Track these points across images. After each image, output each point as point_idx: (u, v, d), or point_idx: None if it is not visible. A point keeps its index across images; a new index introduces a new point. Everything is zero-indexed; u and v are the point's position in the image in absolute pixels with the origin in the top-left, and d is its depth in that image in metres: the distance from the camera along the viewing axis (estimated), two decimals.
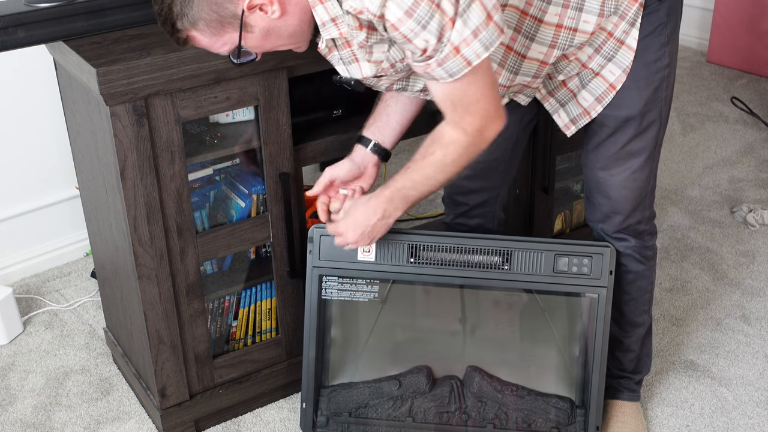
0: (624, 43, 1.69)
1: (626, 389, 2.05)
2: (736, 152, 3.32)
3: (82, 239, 2.73)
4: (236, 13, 1.39)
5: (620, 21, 1.67)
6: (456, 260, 1.86)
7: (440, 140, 1.59)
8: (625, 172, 1.80)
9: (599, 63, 1.71)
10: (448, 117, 1.56)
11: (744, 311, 2.46)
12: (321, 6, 1.43)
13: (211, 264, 2.05)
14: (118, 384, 2.25)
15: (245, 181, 1.99)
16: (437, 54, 1.42)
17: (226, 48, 1.46)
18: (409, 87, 1.68)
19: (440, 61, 1.43)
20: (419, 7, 1.36)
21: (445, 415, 1.92)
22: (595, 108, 1.76)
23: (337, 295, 1.90)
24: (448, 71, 1.45)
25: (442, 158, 1.60)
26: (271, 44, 1.48)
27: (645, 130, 1.77)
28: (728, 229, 2.84)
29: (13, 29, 1.68)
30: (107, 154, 1.79)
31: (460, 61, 1.43)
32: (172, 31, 1.44)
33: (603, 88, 1.74)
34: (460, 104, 1.52)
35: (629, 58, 1.69)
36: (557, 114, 1.83)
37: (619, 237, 1.88)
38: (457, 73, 1.45)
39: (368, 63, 1.54)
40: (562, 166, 2.40)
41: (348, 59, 1.55)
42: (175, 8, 1.40)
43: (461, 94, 1.50)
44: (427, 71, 1.46)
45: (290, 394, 2.18)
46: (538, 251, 1.85)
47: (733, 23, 3.96)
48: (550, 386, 1.92)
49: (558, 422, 1.90)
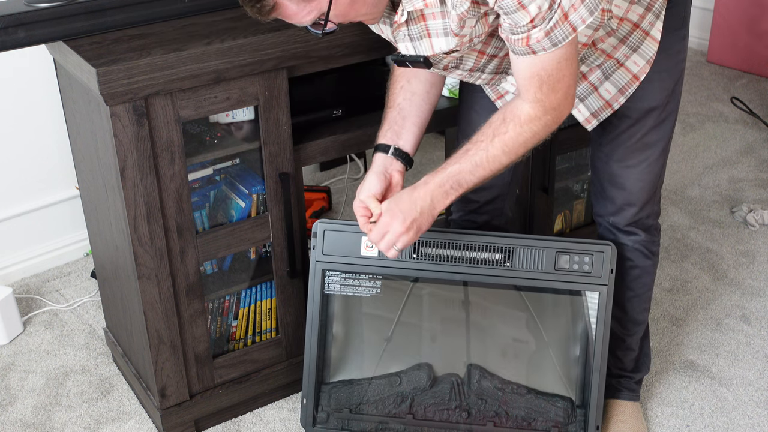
0: (649, 34, 1.69)
1: (626, 389, 2.05)
2: (736, 152, 3.32)
3: (82, 239, 2.73)
4: None
5: (646, 12, 1.67)
6: (458, 257, 1.86)
7: (517, 118, 1.55)
8: (642, 163, 1.81)
9: (624, 53, 1.71)
10: (530, 95, 1.53)
11: (744, 311, 2.46)
12: None
13: (211, 264, 2.05)
14: (118, 384, 2.25)
15: (245, 181, 1.99)
16: (545, 23, 1.40)
17: (312, 16, 1.40)
18: (461, 66, 1.65)
19: (548, 30, 1.41)
20: None
21: (446, 412, 1.92)
22: (617, 99, 1.76)
23: (339, 290, 1.90)
24: (553, 40, 1.43)
25: (515, 137, 1.56)
26: (355, 12, 1.43)
27: (663, 122, 1.79)
28: (728, 229, 2.84)
29: (13, 29, 1.68)
30: (107, 154, 1.79)
31: (567, 27, 1.42)
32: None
33: (627, 79, 1.73)
34: (548, 80, 1.49)
35: (653, 49, 1.70)
36: (576, 109, 1.80)
37: (629, 231, 1.89)
38: (562, 41, 1.43)
39: (444, 38, 1.50)
40: (562, 166, 2.40)
41: (418, 35, 1.52)
42: None
43: (553, 68, 1.48)
44: (528, 43, 1.44)
45: (290, 394, 2.18)
46: (540, 248, 1.85)
47: (733, 23, 3.96)
48: (551, 385, 1.93)
49: (558, 421, 1.90)
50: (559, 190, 2.40)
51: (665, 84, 1.74)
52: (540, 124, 1.56)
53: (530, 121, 1.55)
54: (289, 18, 1.41)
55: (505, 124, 1.57)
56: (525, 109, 1.55)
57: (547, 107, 1.54)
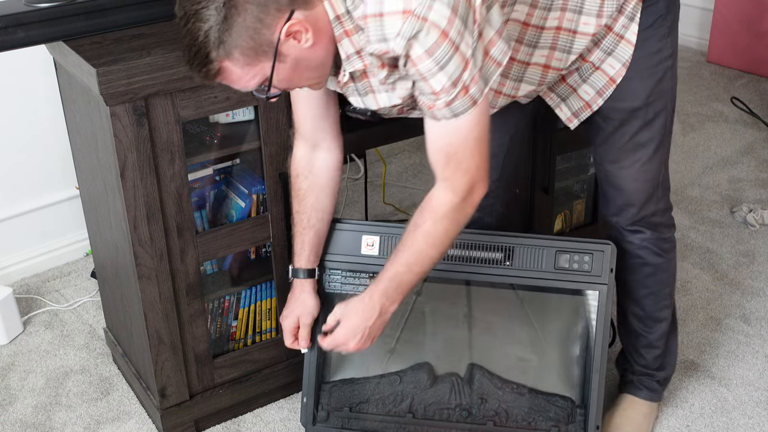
0: (623, 38, 1.70)
1: (646, 387, 2.05)
2: (736, 152, 3.32)
3: (82, 239, 2.73)
4: (272, 40, 1.37)
5: (619, 16, 1.68)
6: (458, 256, 1.86)
7: (431, 208, 1.58)
8: (636, 163, 1.82)
9: (599, 57, 1.73)
10: (439, 172, 1.55)
11: (744, 311, 2.46)
12: (347, 39, 1.44)
13: (211, 264, 2.05)
14: (118, 384, 2.25)
15: (245, 181, 1.99)
16: (447, 95, 1.44)
17: (256, 81, 1.42)
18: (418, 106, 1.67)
19: (449, 101, 1.45)
20: (440, 48, 1.37)
21: (446, 411, 1.92)
22: (596, 101, 1.78)
23: (340, 289, 1.90)
24: (454, 110, 1.47)
25: (432, 227, 1.58)
26: (298, 76, 1.45)
27: (651, 121, 1.78)
28: (728, 229, 2.84)
29: (13, 29, 1.68)
30: (107, 154, 1.79)
31: (468, 100, 1.46)
32: (204, 62, 1.38)
33: (603, 81, 1.75)
34: (454, 157, 1.52)
35: (629, 51, 1.71)
36: (559, 108, 1.85)
37: (634, 229, 1.89)
38: (462, 112, 1.47)
39: (386, 94, 1.54)
40: (562, 166, 2.40)
41: (364, 91, 1.55)
42: (212, 35, 1.34)
43: (460, 144, 1.51)
44: (432, 108, 1.48)
45: (290, 394, 2.18)
46: (540, 248, 1.85)
47: (733, 23, 3.96)
48: (551, 385, 1.93)
49: (558, 421, 1.90)
50: (559, 190, 2.40)
51: (646, 83, 1.74)
52: (452, 207, 1.57)
53: (441, 205, 1.57)
54: (233, 83, 1.43)
55: (423, 215, 1.59)
56: (437, 195, 1.57)
57: (456, 189, 1.55)
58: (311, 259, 1.84)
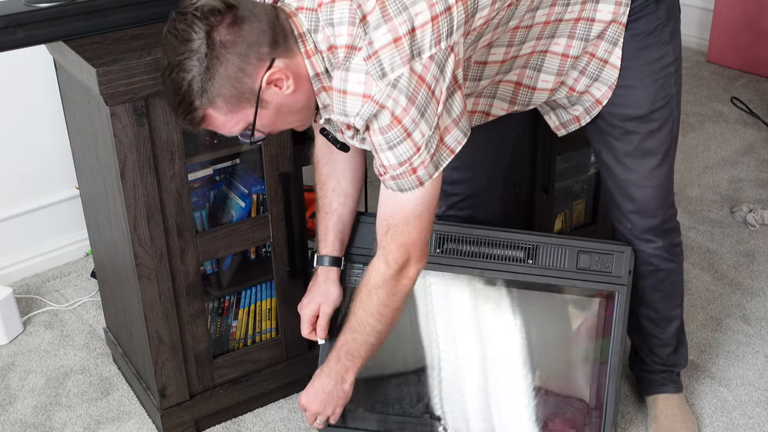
0: (608, 62, 1.72)
1: (671, 382, 2.06)
2: (736, 152, 3.32)
3: (82, 239, 2.73)
4: (254, 88, 1.40)
5: (600, 41, 1.69)
6: (481, 252, 1.86)
7: (366, 273, 1.62)
8: (644, 170, 1.81)
9: (585, 84, 1.75)
10: (378, 243, 1.59)
11: (744, 311, 2.46)
12: (324, 93, 1.48)
13: (211, 264, 2.05)
14: (118, 384, 2.25)
15: (245, 181, 1.99)
16: (394, 171, 1.48)
17: (240, 126, 1.45)
18: None
19: (394, 177, 1.49)
20: (392, 131, 1.42)
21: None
22: (584, 117, 1.81)
23: (358, 283, 1.90)
24: (400, 186, 1.50)
25: (366, 296, 1.62)
26: (281, 121, 1.49)
27: (658, 129, 1.78)
28: (728, 229, 2.84)
29: (13, 29, 1.68)
30: (107, 154, 1.79)
31: (414, 180, 1.49)
32: (189, 110, 1.41)
33: (590, 102, 1.78)
34: (393, 229, 1.55)
35: (614, 75, 1.72)
36: (548, 116, 1.87)
37: (646, 238, 1.88)
38: (407, 189, 1.51)
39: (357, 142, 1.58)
40: (562, 166, 2.40)
41: (335, 129, 1.60)
42: (195, 85, 1.38)
43: (401, 220, 1.54)
44: (382, 176, 1.52)
45: (290, 394, 2.18)
46: (562, 247, 1.85)
47: (733, 23, 3.96)
48: (567, 386, 1.92)
49: (574, 422, 1.90)
50: (559, 190, 2.40)
51: (648, 91, 1.74)
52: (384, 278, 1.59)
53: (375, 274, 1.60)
54: (218, 128, 1.46)
55: (361, 282, 1.64)
56: (374, 263, 1.61)
57: (389, 260, 1.57)
58: (336, 246, 1.83)
